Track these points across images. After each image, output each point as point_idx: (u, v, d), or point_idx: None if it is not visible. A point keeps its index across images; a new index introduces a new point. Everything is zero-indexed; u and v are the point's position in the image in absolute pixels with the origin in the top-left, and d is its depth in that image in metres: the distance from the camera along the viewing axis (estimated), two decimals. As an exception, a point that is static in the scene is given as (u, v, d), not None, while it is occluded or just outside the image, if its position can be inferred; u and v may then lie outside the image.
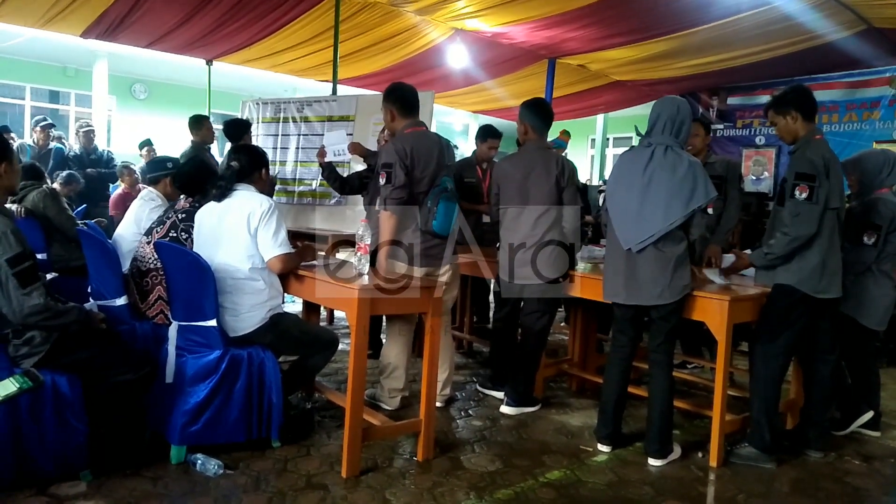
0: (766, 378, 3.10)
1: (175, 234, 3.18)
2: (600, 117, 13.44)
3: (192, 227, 3.11)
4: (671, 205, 2.89)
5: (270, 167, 3.80)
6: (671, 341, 3.10)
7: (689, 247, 2.99)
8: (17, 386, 1.32)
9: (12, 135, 6.58)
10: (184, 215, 3.23)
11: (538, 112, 3.65)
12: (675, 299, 2.96)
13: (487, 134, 4.82)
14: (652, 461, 3.05)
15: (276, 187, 5.94)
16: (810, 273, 2.98)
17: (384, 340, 3.70)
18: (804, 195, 2.94)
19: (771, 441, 3.09)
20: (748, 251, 3.36)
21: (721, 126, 8.44)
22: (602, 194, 3.55)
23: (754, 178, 8.04)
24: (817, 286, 2.99)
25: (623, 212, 3.00)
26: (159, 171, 3.79)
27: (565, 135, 6.31)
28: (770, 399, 3.10)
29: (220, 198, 2.98)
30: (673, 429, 3.16)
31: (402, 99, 3.40)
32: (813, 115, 3.12)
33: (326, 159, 4.69)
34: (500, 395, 3.80)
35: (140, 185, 6.85)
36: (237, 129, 5.36)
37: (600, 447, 3.18)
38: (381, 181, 3.28)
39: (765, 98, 8.06)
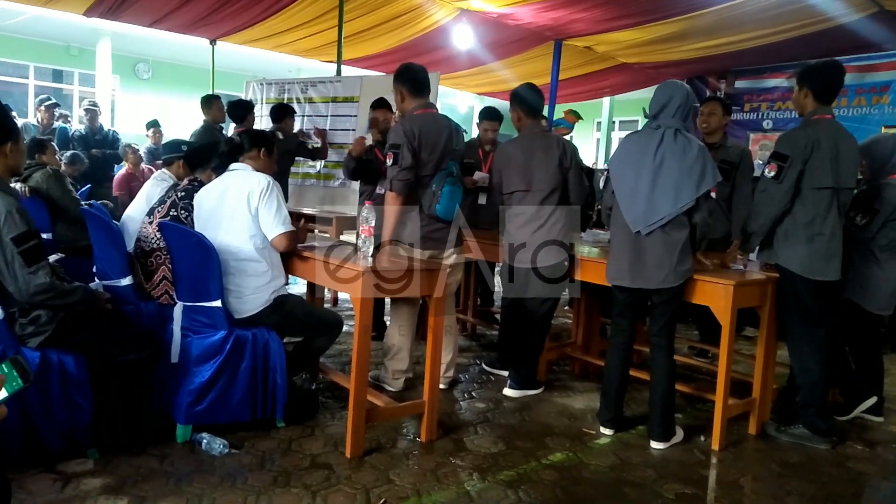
0: (802, 365, 3.14)
1: (175, 213, 3.19)
2: (606, 100, 13.35)
3: (192, 206, 3.12)
4: (681, 189, 2.88)
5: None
6: (672, 325, 3.11)
7: (691, 231, 2.98)
8: (8, 391, 1.28)
9: (13, 114, 6.56)
10: (183, 194, 3.23)
11: (525, 96, 3.63)
12: (679, 283, 2.96)
13: (483, 115, 4.78)
14: (654, 444, 3.06)
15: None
16: (806, 254, 3.01)
17: (388, 322, 3.72)
18: (772, 174, 3.02)
19: (823, 423, 3.13)
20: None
21: (729, 110, 8.36)
22: (603, 177, 3.51)
23: (760, 162, 7.97)
24: (811, 268, 3.00)
25: (631, 194, 2.98)
26: (173, 153, 3.81)
27: (571, 115, 6.20)
28: (812, 383, 3.12)
29: (217, 173, 3.00)
30: (675, 412, 3.17)
31: (412, 79, 3.36)
32: (827, 97, 3.10)
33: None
34: (505, 373, 3.83)
35: (143, 166, 6.85)
36: (240, 110, 5.35)
37: (603, 431, 3.19)
38: (389, 162, 3.27)
39: (773, 81, 8.00)
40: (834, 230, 3.03)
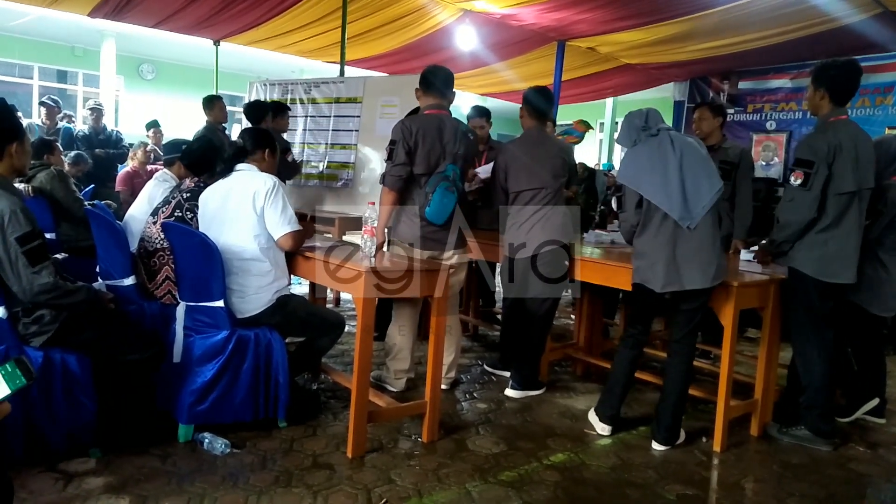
0: (807, 367, 3.13)
1: (180, 214, 3.19)
2: (609, 101, 13.34)
3: (197, 207, 3.13)
4: (710, 174, 2.90)
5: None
6: (696, 333, 3.09)
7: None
8: (10, 388, 1.30)
9: (19, 114, 6.59)
10: (188, 195, 3.24)
11: (531, 99, 3.69)
12: (723, 279, 2.91)
13: (472, 113, 4.77)
14: (657, 446, 3.06)
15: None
16: (818, 257, 3.00)
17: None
18: (798, 181, 2.98)
19: (825, 425, 3.13)
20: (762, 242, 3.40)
21: (732, 111, 8.35)
22: (611, 190, 3.53)
23: (764, 163, 7.98)
24: (825, 270, 2.99)
25: (667, 193, 2.88)
26: (174, 153, 3.82)
27: (582, 124, 6.17)
28: (817, 386, 3.11)
29: (222, 173, 3.00)
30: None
31: (424, 79, 3.43)
32: (844, 99, 3.07)
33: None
34: (507, 374, 3.83)
35: (149, 166, 6.87)
36: (258, 112, 5.33)
37: (602, 426, 3.19)
38: (386, 157, 3.34)
39: (776, 82, 7.97)
40: (850, 232, 3.01)
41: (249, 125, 5.38)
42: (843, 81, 3.04)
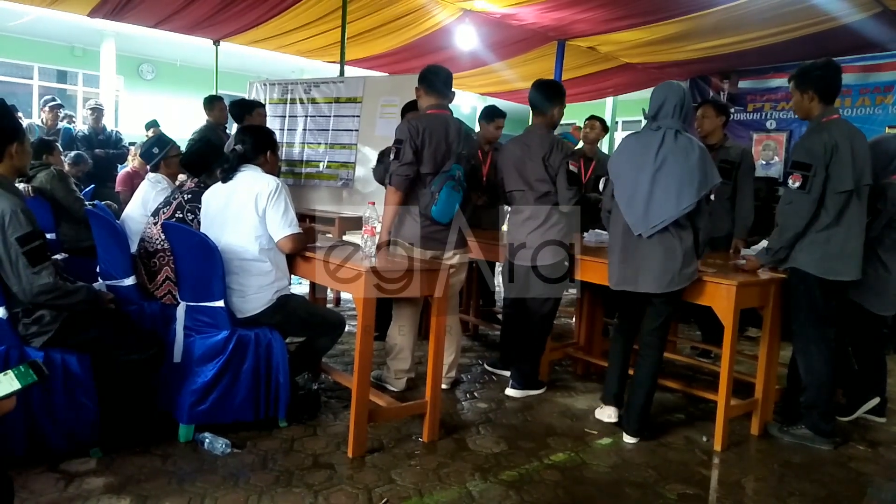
0: (809, 366, 3.13)
1: (181, 215, 3.19)
2: (609, 100, 13.32)
3: (199, 208, 3.13)
4: (683, 191, 2.86)
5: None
6: (667, 327, 3.12)
7: (694, 237, 2.98)
8: (21, 384, 1.36)
9: (19, 114, 6.59)
10: (189, 196, 3.24)
11: (530, 94, 3.66)
12: (683, 286, 2.95)
13: (494, 114, 4.77)
14: (628, 438, 3.09)
15: (283, 169, 5.93)
16: (820, 256, 3.00)
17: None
18: (797, 184, 2.98)
19: (826, 424, 3.13)
20: (755, 248, 3.40)
21: (732, 110, 8.34)
22: (602, 179, 3.50)
23: (764, 162, 7.97)
24: (828, 268, 2.99)
25: (632, 196, 2.96)
26: (151, 157, 3.84)
27: (578, 130, 6.18)
28: (818, 385, 3.11)
29: (224, 179, 2.99)
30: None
31: (426, 79, 3.41)
32: (832, 97, 3.08)
33: None
34: (508, 373, 3.83)
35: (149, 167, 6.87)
36: (241, 110, 5.34)
37: (608, 411, 3.22)
38: (391, 157, 3.31)
39: (777, 81, 7.97)
40: (851, 229, 3.01)
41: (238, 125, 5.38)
42: (828, 80, 3.06)
